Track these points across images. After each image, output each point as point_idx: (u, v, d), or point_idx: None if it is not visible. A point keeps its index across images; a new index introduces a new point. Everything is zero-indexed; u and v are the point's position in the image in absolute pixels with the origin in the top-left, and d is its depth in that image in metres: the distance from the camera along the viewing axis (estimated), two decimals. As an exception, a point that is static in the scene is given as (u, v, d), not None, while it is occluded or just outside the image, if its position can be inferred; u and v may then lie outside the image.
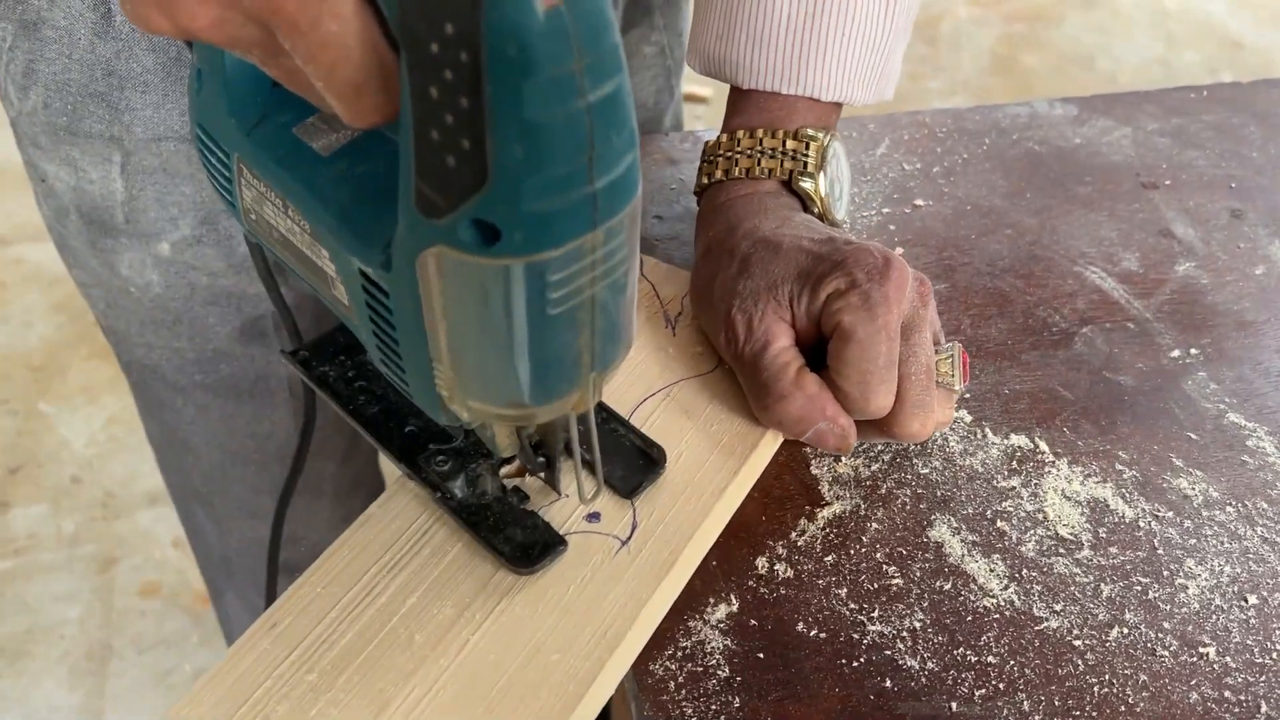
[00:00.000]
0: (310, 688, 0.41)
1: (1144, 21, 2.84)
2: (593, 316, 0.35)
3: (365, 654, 0.42)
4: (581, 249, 0.32)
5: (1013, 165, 0.74)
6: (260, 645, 0.42)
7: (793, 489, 0.53)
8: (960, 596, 0.48)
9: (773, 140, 0.58)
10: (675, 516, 0.48)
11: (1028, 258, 0.66)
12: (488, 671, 0.42)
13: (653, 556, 0.46)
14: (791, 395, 0.50)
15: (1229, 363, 0.60)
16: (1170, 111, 0.80)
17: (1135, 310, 0.63)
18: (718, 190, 0.59)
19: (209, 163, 0.43)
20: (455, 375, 0.36)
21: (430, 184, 0.31)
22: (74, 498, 1.65)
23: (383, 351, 0.40)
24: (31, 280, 2.00)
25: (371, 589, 0.44)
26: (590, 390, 0.37)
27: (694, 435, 0.52)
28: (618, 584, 0.45)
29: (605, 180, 0.31)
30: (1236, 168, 0.74)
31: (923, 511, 0.52)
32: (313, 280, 0.42)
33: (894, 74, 0.61)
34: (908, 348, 0.50)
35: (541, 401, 0.36)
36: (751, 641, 0.47)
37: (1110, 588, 0.49)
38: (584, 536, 0.47)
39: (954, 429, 0.56)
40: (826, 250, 0.52)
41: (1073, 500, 0.53)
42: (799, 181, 0.58)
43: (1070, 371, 0.59)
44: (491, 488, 0.47)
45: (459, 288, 0.33)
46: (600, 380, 0.37)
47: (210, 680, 0.42)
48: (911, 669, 0.46)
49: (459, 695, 0.41)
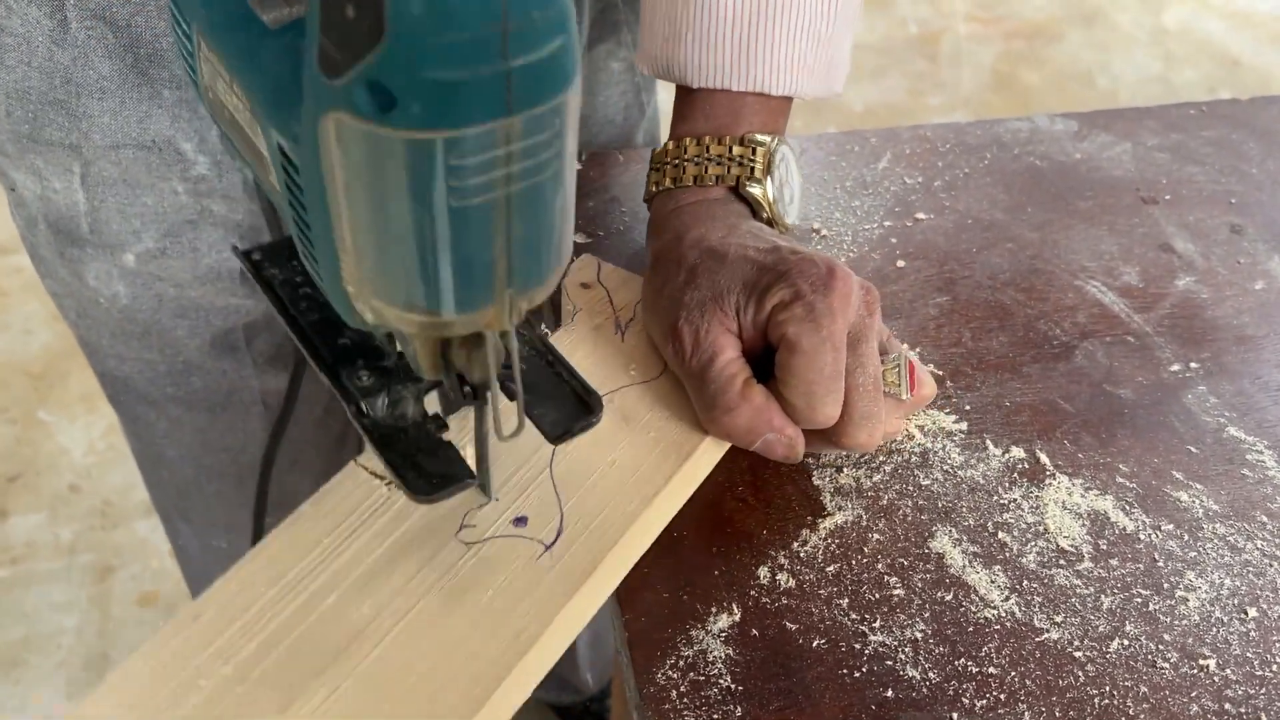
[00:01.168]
0: (225, 679, 0.41)
1: (1143, 40, 2.86)
2: (508, 221, 0.32)
3: (281, 647, 0.42)
4: (492, 136, 0.29)
5: (1014, 180, 0.74)
6: (182, 634, 0.42)
7: (794, 499, 0.53)
8: (961, 607, 0.49)
9: (719, 147, 0.58)
10: (602, 523, 0.47)
11: (1028, 271, 0.67)
12: (398, 670, 0.42)
13: (574, 562, 0.45)
14: (739, 407, 0.50)
15: (1229, 377, 0.60)
16: (1170, 127, 0.80)
17: (1135, 324, 0.63)
18: (666, 198, 0.60)
19: (178, 36, 0.42)
20: (358, 268, 0.34)
21: (331, 38, 0.29)
22: (72, 506, 1.65)
23: (301, 239, 0.38)
24: (31, 289, 2.00)
25: (294, 587, 0.44)
26: (507, 309, 0.35)
27: (630, 441, 0.51)
28: (537, 588, 0.44)
29: (523, 60, 0.28)
30: (1236, 183, 0.75)
31: (924, 523, 0.52)
32: (257, 169, 0.40)
33: (842, 65, 0.62)
34: (854, 358, 0.50)
35: (447, 309, 0.34)
36: (753, 651, 0.47)
37: (1111, 599, 0.49)
38: (509, 541, 0.46)
39: (954, 440, 0.56)
40: (772, 260, 0.52)
41: (1073, 512, 0.53)
42: (746, 187, 0.58)
43: (1071, 384, 0.59)
44: (412, 412, 0.44)
45: (355, 160, 0.30)
46: (520, 301, 0.35)
47: (126, 670, 0.41)
48: (913, 679, 0.46)
49: (368, 692, 0.41)
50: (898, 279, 0.65)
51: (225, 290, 0.75)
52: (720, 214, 0.58)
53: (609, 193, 0.71)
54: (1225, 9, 2.99)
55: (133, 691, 0.41)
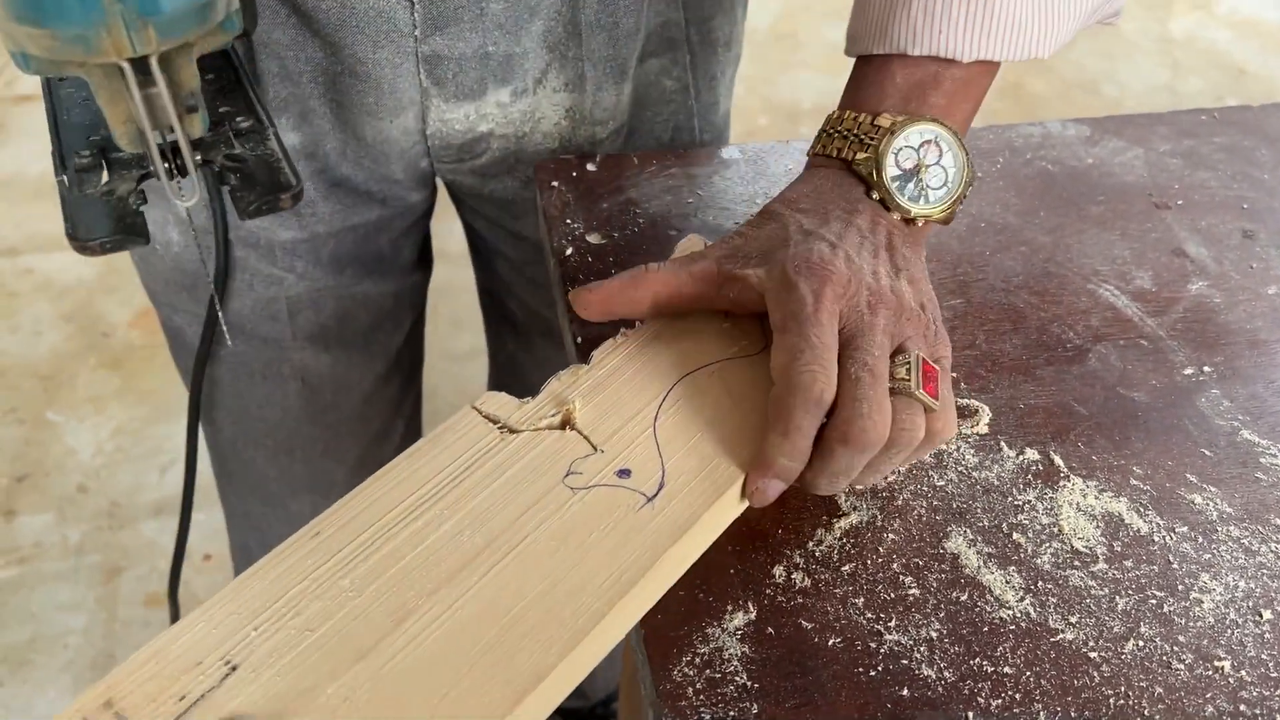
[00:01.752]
0: (341, 591, 0.44)
1: (1150, 48, 2.86)
2: None
3: (396, 568, 0.45)
4: None
5: (1026, 184, 0.75)
6: (302, 549, 0.45)
7: (810, 499, 0.53)
8: (976, 607, 0.49)
9: (851, 121, 0.57)
10: (701, 481, 0.49)
11: (1041, 274, 0.67)
12: (506, 598, 0.44)
13: (674, 514, 0.47)
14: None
15: (1242, 381, 0.60)
16: (1182, 133, 0.80)
17: (1149, 328, 0.64)
18: (810, 161, 0.60)
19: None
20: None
21: None
22: (80, 507, 1.65)
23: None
24: (41, 290, 2.00)
25: (410, 513, 0.47)
26: (128, 32, 0.35)
27: (735, 409, 0.52)
28: (637, 535, 0.46)
29: None
30: (1248, 189, 0.75)
31: (939, 523, 0.52)
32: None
33: (1022, 23, 0.56)
34: (849, 351, 0.49)
35: (45, 17, 0.33)
36: (769, 649, 0.47)
37: (1125, 601, 0.49)
38: (612, 491, 0.48)
39: (968, 442, 0.56)
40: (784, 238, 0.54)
41: (1087, 514, 0.53)
42: (855, 161, 0.56)
43: (1084, 387, 0.60)
44: (121, 189, 0.45)
45: None
46: (154, 32, 0.35)
47: (244, 579, 0.44)
48: (928, 678, 0.46)
49: (475, 616, 0.43)
50: (911, 282, 0.66)
51: (266, 258, 0.77)
52: (825, 186, 0.57)
53: (624, 195, 0.71)
54: (1231, 18, 3.00)
55: (252, 596, 0.43)
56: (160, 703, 0.40)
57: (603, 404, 0.52)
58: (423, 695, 0.40)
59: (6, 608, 1.52)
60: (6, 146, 2.34)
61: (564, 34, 0.71)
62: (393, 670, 0.41)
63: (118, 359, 1.88)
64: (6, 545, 1.60)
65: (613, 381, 0.53)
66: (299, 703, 0.40)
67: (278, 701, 0.40)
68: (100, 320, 1.95)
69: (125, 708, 0.39)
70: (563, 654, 0.42)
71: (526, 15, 0.68)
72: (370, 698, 0.40)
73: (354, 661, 0.41)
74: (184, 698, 0.40)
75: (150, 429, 1.77)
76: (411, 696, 0.40)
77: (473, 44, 0.69)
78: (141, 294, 2.07)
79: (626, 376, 0.53)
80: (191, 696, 0.40)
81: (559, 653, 0.42)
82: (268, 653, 0.41)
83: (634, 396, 0.52)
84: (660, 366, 0.54)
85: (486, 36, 0.68)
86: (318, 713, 0.40)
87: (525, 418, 0.51)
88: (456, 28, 0.67)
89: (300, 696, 0.40)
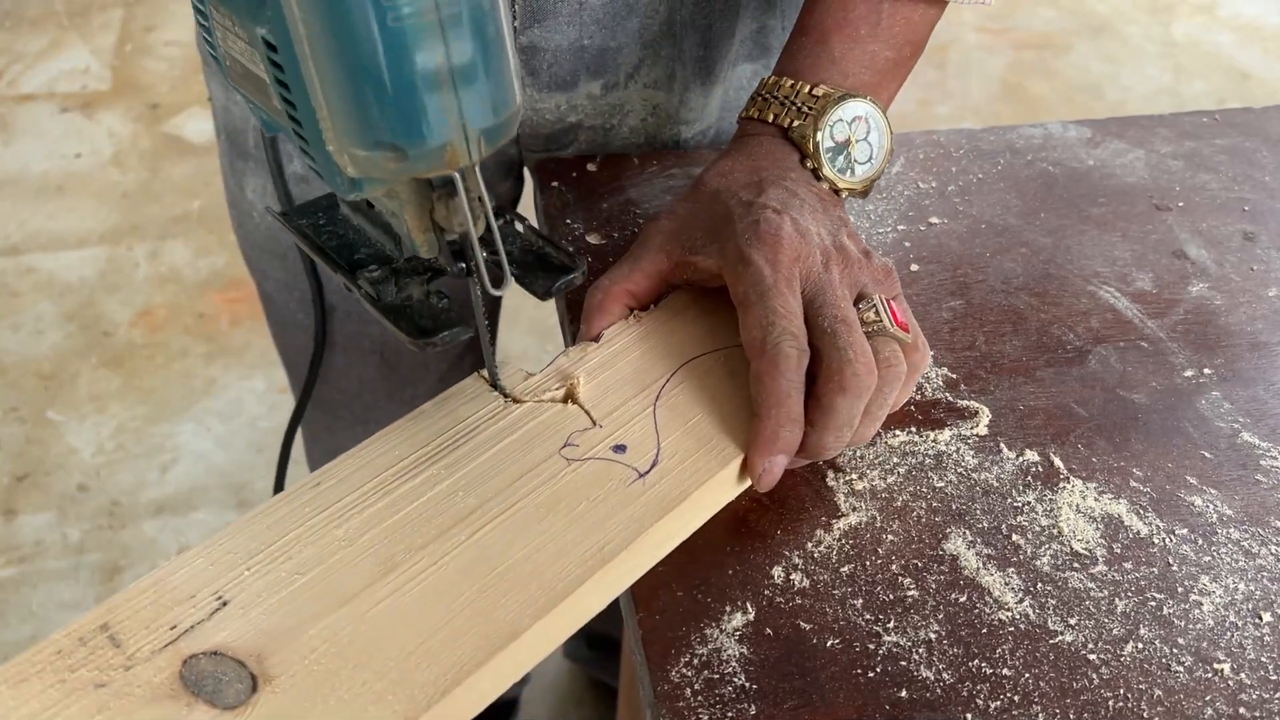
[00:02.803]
0: (334, 539, 0.45)
1: (1152, 52, 2.86)
2: (445, 44, 0.36)
3: (390, 521, 0.46)
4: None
5: (1027, 185, 0.75)
6: (301, 498, 0.47)
7: (808, 500, 0.53)
8: (975, 609, 0.49)
9: (789, 90, 0.59)
10: (695, 461, 0.50)
11: (1042, 276, 0.67)
12: (491, 558, 0.45)
13: (665, 490, 0.48)
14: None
15: (1243, 383, 0.60)
16: (1183, 135, 0.80)
17: (1149, 330, 0.64)
18: (742, 125, 0.61)
19: (200, 29, 0.46)
20: (330, 117, 0.38)
21: None
22: (80, 506, 1.65)
23: (293, 129, 0.42)
24: (43, 289, 2.01)
25: (409, 470, 0.48)
26: (467, 145, 0.39)
27: (734, 394, 0.53)
28: (626, 508, 0.47)
29: None
30: (1249, 191, 0.75)
31: (938, 524, 0.52)
32: (263, 103, 0.44)
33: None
34: (814, 309, 0.51)
35: (407, 138, 0.38)
36: (768, 650, 0.47)
37: (1125, 603, 0.49)
38: (606, 464, 0.49)
39: (968, 443, 0.56)
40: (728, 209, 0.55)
41: (1087, 516, 0.53)
42: (793, 128, 0.58)
43: (1084, 389, 0.60)
44: (417, 294, 0.49)
45: (310, 7, 0.35)
46: (478, 139, 0.39)
47: (251, 518, 0.46)
48: (927, 680, 0.46)
49: (459, 572, 0.44)
50: (912, 283, 0.66)
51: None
52: (759, 152, 0.58)
53: (624, 195, 0.71)
54: (1234, 22, 3.00)
55: (249, 537, 0.45)
56: (152, 630, 0.41)
57: (606, 381, 0.53)
58: (400, 642, 0.42)
59: (7, 606, 1.52)
60: (10, 145, 2.34)
61: (659, 32, 0.72)
62: (374, 616, 0.42)
63: (119, 358, 1.88)
64: (7, 544, 1.60)
65: (619, 360, 0.54)
66: (281, 640, 0.41)
67: (262, 638, 0.41)
68: (102, 319, 1.95)
69: (119, 631, 0.41)
70: (538, 616, 0.43)
71: (624, 11, 0.70)
72: (350, 641, 0.42)
73: (338, 606, 0.43)
74: (175, 627, 0.42)
75: (151, 428, 1.77)
76: (389, 642, 0.42)
77: (569, 36, 0.70)
78: (142, 293, 2.08)
79: (633, 357, 0.55)
80: (181, 627, 0.42)
81: (535, 614, 0.43)
82: (257, 591, 0.43)
83: (638, 376, 0.53)
84: (667, 349, 0.55)
85: (583, 30, 0.70)
86: (298, 651, 0.41)
87: (530, 389, 0.52)
88: (554, 20, 0.69)
89: (284, 635, 0.42)
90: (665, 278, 0.57)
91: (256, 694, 0.40)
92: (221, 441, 1.75)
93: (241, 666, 0.40)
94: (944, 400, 0.58)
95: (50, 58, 2.61)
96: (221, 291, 2.01)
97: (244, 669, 0.40)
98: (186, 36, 2.68)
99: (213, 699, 0.39)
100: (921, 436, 0.56)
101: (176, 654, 0.41)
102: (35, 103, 2.47)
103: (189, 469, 1.71)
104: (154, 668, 0.40)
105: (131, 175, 2.28)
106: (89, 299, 1.99)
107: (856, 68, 0.59)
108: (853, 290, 0.53)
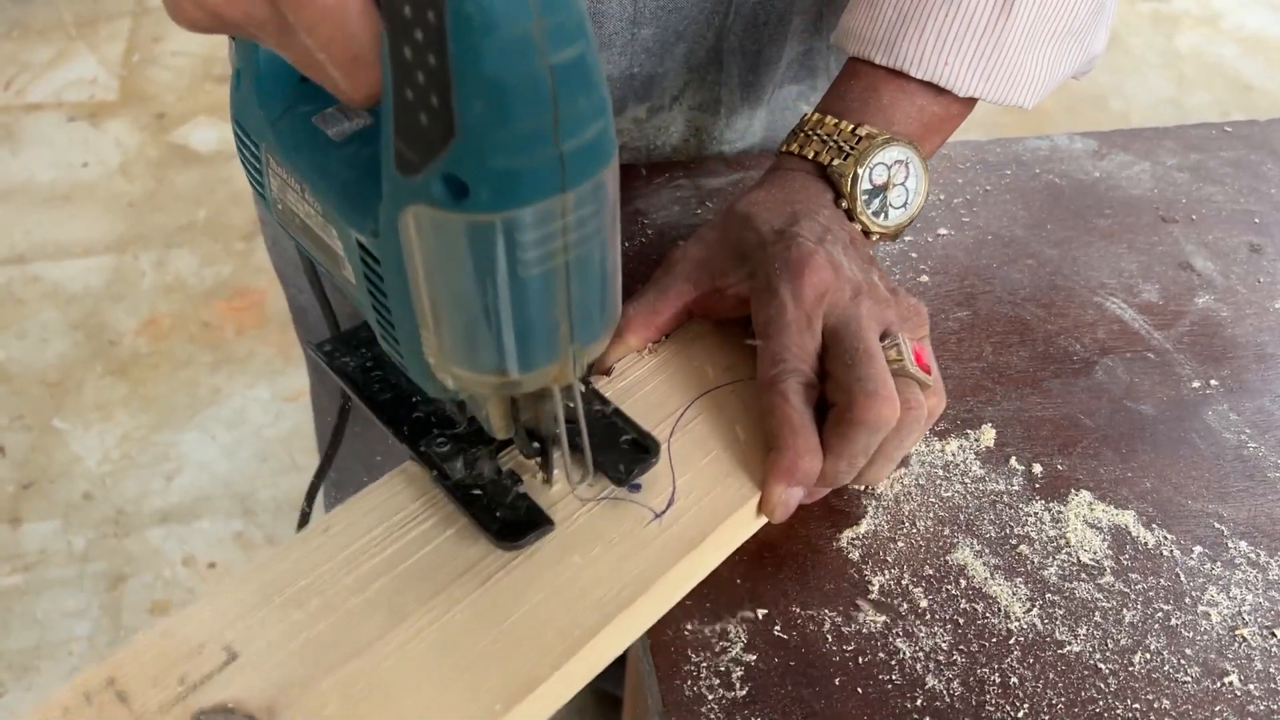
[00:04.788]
0: (344, 588, 0.44)
1: (1156, 62, 2.87)
2: (568, 284, 0.36)
3: (400, 569, 0.45)
4: (550, 211, 0.33)
5: (1033, 197, 0.75)
6: (311, 543, 0.46)
7: (816, 509, 0.53)
8: (984, 619, 0.49)
9: (831, 126, 0.58)
10: (712, 500, 0.49)
11: (1048, 287, 0.67)
12: (505, 604, 0.44)
13: (681, 532, 0.47)
14: None
15: (1249, 394, 0.60)
16: (1189, 147, 0.80)
17: (1155, 341, 0.64)
18: (779, 159, 0.60)
19: (244, 157, 0.46)
20: (439, 341, 0.38)
21: (406, 142, 0.33)
22: (85, 514, 1.66)
23: (380, 324, 0.42)
24: (49, 297, 2.01)
25: (417, 516, 0.47)
26: (571, 363, 0.39)
27: (749, 429, 0.52)
28: (643, 551, 0.46)
29: (572, 143, 0.32)
30: (1255, 203, 0.75)
31: (946, 535, 0.52)
32: (329, 264, 0.43)
33: (1027, 75, 0.58)
34: (838, 343, 0.50)
35: (521, 369, 0.38)
36: (777, 659, 0.47)
37: (1132, 613, 0.49)
38: (622, 505, 0.48)
39: (975, 454, 0.56)
40: (760, 238, 0.54)
41: (1094, 526, 0.53)
42: (831, 166, 0.57)
43: (1091, 400, 0.60)
44: (488, 470, 0.48)
45: (435, 245, 0.34)
46: (582, 354, 0.39)
47: (261, 566, 0.45)
48: (936, 689, 0.46)
49: (472, 621, 0.43)
50: (919, 293, 0.66)
51: None
52: (793, 187, 0.57)
53: (632, 206, 0.71)
54: (1237, 33, 3.00)
55: (258, 587, 0.44)
56: (161, 685, 0.40)
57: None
58: (415, 695, 0.41)
59: (12, 614, 1.52)
60: (17, 155, 2.35)
61: (705, 58, 0.72)
62: (388, 669, 0.42)
63: (124, 367, 1.89)
64: (12, 552, 1.60)
65: (630, 396, 0.53)
66: (293, 694, 0.40)
67: (273, 690, 0.41)
68: (107, 328, 1.95)
69: (126, 687, 0.40)
70: (556, 665, 0.42)
71: (673, 39, 0.70)
72: (364, 694, 0.41)
73: (350, 658, 0.42)
74: (184, 681, 0.41)
75: (156, 436, 1.77)
76: (405, 695, 0.41)
77: (620, 66, 0.70)
78: (147, 302, 2.08)
79: (645, 391, 0.54)
80: (191, 680, 0.41)
81: (552, 664, 0.42)
82: (268, 643, 0.42)
83: (650, 411, 0.52)
84: (679, 383, 0.54)
85: (634, 59, 0.70)
86: (310, 704, 0.40)
87: None
88: (608, 52, 0.69)
89: (295, 687, 0.41)
90: (690, 308, 0.56)
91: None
92: (226, 450, 1.76)
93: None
94: (951, 411, 0.58)
95: (58, 67, 2.62)
96: (227, 300, 2.02)
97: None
98: (193, 47, 2.69)
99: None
100: (929, 447, 0.56)
101: (185, 710, 0.40)
102: (42, 112, 2.48)
103: (194, 477, 1.71)
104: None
105: (138, 184, 2.28)
106: (94, 307, 1.99)
107: (903, 117, 0.58)
108: (879, 326, 0.51)
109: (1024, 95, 0.59)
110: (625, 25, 0.68)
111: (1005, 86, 0.58)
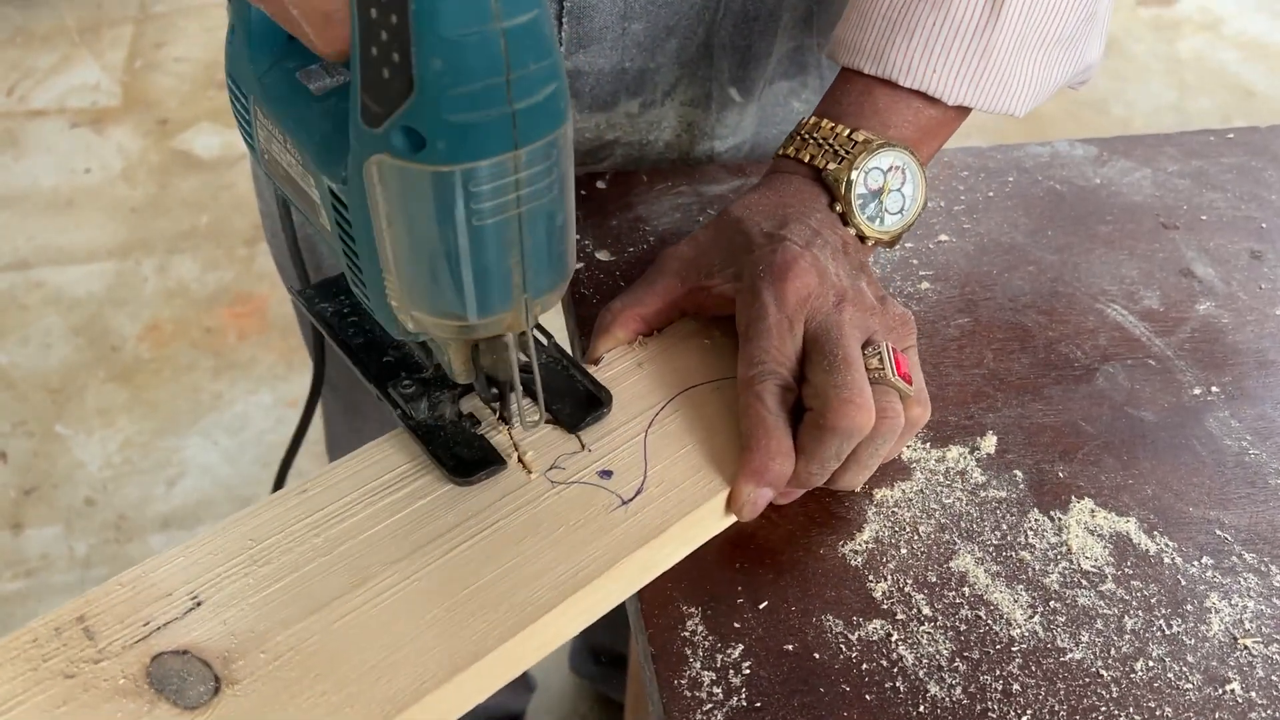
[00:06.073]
0: (313, 547, 0.46)
1: (1158, 69, 2.87)
2: (520, 237, 0.38)
3: (368, 534, 0.47)
4: (504, 166, 0.36)
5: (1034, 203, 0.75)
6: (288, 503, 0.48)
7: (816, 516, 0.53)
8: (985, 626, 0.49)
9: (828, 130, 0.58)
10: (680, 492, 0.49)
11: (1049, 294, 0.67)
12: (464, 576, 0.45)
13: (646, 520, 0.48)
14: None
15: (1250, 401, 0.60)
16: (1190, 154, 0.80)
17: (1156, 347, 0.64)
18: (776, 161, 0.60)
19: (236, 108, 0.48)
20: (400, 285, 0.40)
21: (371, 96, 0.35)
22: (87, 520, 1.66)
23: (350, 269, 0.44)
24: (51, 303, 2.01)
25: (394, 483, 0.49)
26: (524, 312, 0.41)
27: (726, 426, 0.52)
28: (605, 535, 0.47)
29: (525, 103, 0.35)
30: (1256, 210, 0.75)
31: (947, 541, 0.52)
32: (309, 212, 0.46)
33: (1016, 82, 0.58)
34: (818, 349, 0.50)
35: (476, 314, 0.40)
36: (777, 667, 0.47)
37: (1134, 621, 0.49)
38: (591, 489, 0.49)
39: (978, 461, 0.56)
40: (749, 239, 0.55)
41: (1095, 533, 0.53)
42: (826, 170, 0.57)
43: (1092, 406, 0.60)
44: (449, 413, 0.50)
45: (396, 193, 0.37)
46: (535, 305, 0.41)
47: (234, 520, 0.47)
48: (937, 697, 0.46)
49: (431, 589, 0.45)
50: (920, 300, 0.66)
51: None
52: (788, 190, 0.58)
53: (632, 211, 0.71)
54: (1239, 39, 3.00)
55: (230, 540, 0.46)
56: (127, 624, 0.42)
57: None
58: (363, 655, 0.42)
59: (14, 619, 1.52)
60: (20, 160, 2.36)
61: (696, 53, 0.72)
62: (341, 627, 0.43)
63: (127, 372, 1.89)
64: (14, 557, 1.60)
65: (614, 386, 0.54)
66: (249, 644, 0.42)
67: (231, 640, 0.42)
68: (109, 333, 1.96)
69: (95, 624, 0.42)
70: (503, 638, 0.43)
71: (664, 34, 0.70)
72: (315, 650, 0.42)
73: (307, 615, 0.43)
74: (148, 623, 0.42)
75: (158, 442, 1.77)
76: (353, 654, 0.42)
77: (611, 60, 0.70)
78: (150, 308, 2.08)
79: (629, 383, 0.54)
80: (155, 623, 0.42)
81: (499, 637, 0.43)
82: (231, 594, 0.44)
83: (632, 403, 0.53)
84: (666, 376, 0.55)
85: (625, 54, 0.70)
86: (264, 656, 0.42)
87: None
88: (599, 46, 0.69)
89: (252, 639, 0.42)
90: (678, 304, 0.57)
91: (218, 696, 0.40)
92: (228, 456, 1.76)
93: (207, 668, 0.41)
94: (953, 418, 0.58)
95: (61, 73, 2.63)
96: (229, 306, 2.02)
97: (209, 670, 0.41)
98: (196, 53, 2.70)
99: (175, 698, 0.40)
100: (930, 453, 0.56)
101: (147, 650, 0.41)
102: (46, 118, 2.48)
103: (196, 483, 1.71)
104: (122, 663, 0.41)
105: (140, 190, 2.29)
106: (97, 313, 2.00)
107: (899, 120, 0.58)
108: (862, 334, 0.52)
109: (1014, 103, 0.59)
110: (616, 20, 0.68)
111: (994, 94, 0.58)
